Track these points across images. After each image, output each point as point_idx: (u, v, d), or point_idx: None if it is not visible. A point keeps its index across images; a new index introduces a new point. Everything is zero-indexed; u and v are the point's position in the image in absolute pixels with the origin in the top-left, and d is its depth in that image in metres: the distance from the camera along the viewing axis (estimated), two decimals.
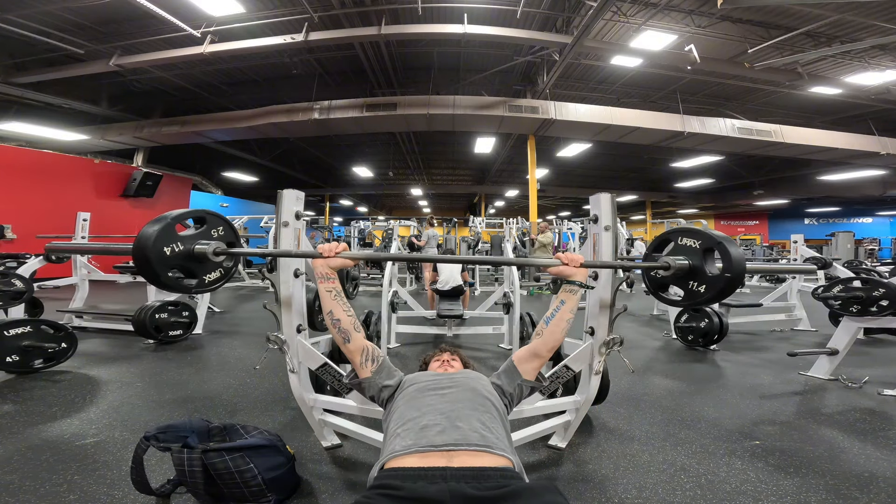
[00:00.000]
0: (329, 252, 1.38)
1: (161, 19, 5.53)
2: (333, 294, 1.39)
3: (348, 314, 1.40)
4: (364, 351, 1.41)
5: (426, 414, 1.21)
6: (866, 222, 20.94)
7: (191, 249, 1.26)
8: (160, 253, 1.17)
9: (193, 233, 1.31)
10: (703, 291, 1.29)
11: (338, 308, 1.39)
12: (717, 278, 1.24)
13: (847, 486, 1.55)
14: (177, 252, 1.22)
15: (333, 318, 1.38)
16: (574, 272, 1.39)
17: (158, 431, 1.40)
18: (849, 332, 2.72)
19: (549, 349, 1.41)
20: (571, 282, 1.40)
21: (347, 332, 1.38)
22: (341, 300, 1.40)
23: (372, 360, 1.41)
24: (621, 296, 7.64)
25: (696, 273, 1.31)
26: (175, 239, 1.22)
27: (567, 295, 1.41)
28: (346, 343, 1.39)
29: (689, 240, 1.34)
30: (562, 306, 1.41)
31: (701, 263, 1.29)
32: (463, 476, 0.98)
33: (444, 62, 8.16)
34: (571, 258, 1.40)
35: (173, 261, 1.22)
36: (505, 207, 23.73)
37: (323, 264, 1.38)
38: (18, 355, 2.56)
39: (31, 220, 7.64)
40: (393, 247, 3.92)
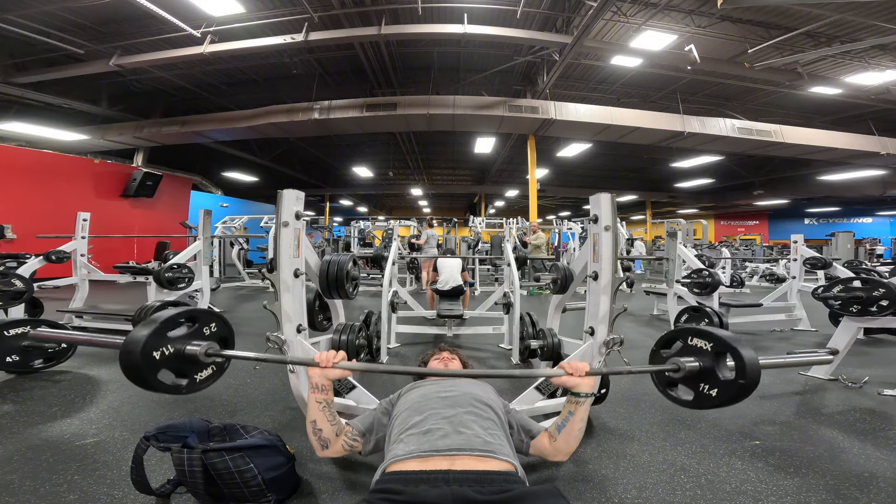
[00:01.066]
0: (326, 362, 1.29)
1: (161, 19, 5.54)
2: (322, 406, 1.31)
3: (332, 423, 1.33)
4: (344, 446, 1.37)
5: (429, 419, 1.21)
6: (866, 222, 20.95)
7: (182, 351, 1.24)
8: (149, 358, 1.15)
9: (185, 332, 1.28)
10: (715, 395, 1.24)
11: (322, 419, 1.32)
12: (730, 384, 1.20)
13: (847, 486, 1.55)
14: (167, 355, 1.20)
15: (316, 428, 1.32)
16: (578, 383, 1.29)
17: (158, 431, 1.40)
18: (849, 332, 2.72)
19: (563, 456, 1.38)
20: (576, 394, 1.31)
21: (327, 441, 1.33)
22: (329, 412, 1.33)
23: (355, 440, 1.38)
24: (621, 296, 7.66)
25: (707, 375, 1.26)
26: (165, 342, 1.20)
27: (573, 406, 1.32)
28: (325, 449, 1.35)
29: (700, 341, 1.30)
30: (571, 417, 1.32)
31: (713, 366, 1.25)
32: (465, 479, 0.98)
33: (444, 62, 8.16)
34: (575, 367, 1.31)
35: (163, 364, 1.19)
36: (505, 207, 23.73)
37: (320, 374, 1.29)
38: (18, 355, 2.56)
39: (31, 220, 7.65)
40: (393, 247, 3.92)
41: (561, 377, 1.31)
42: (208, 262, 4.67)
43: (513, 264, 3.64)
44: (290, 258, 1.67)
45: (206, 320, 1.35)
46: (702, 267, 4.16)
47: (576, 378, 1.29)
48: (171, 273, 3.86)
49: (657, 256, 7.17)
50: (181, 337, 1.26)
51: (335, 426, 1.34)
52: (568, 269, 2.42)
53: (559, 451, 1.35)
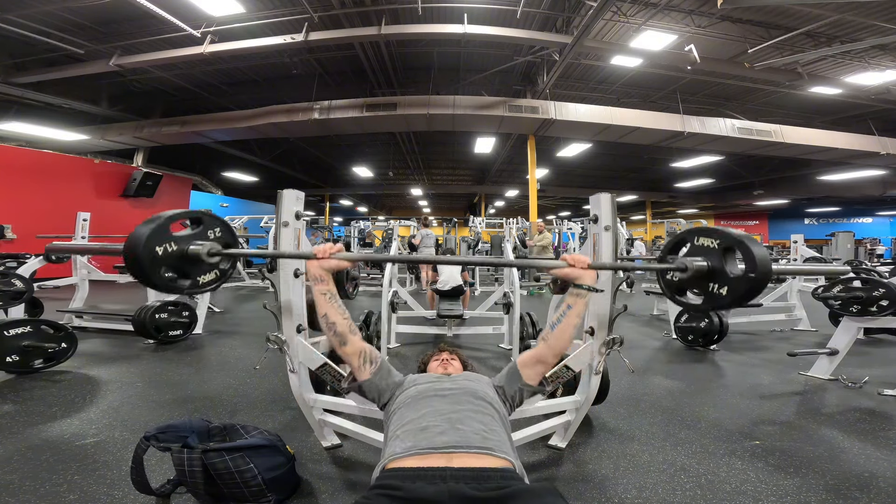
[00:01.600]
0: (323, 253, 1.34)
1: (161, 19, 5.53)
2: (328, 297, 1.35)
3: (344, 316, 1.37)
4: (362, 353, 1.38)
5: (426, 416, 1.21)
6: (866, 222, 20.95)
7: (185, 250, 1.23)
8: (152, 252, 1.14)
9: (189, 233, 1.28)
10: (725, 294, 1.18)
11: (333, 310, 1.35)
12: (740, 279, 1.14)
13: (847, 486, 1.55)
14: (170, 252, 1.19)
15: (329, 322, 1.35)
16: (580, 274, 1.30)
17: (158, 431, 1.40)
18: (849, 332, 2.72)
19: (555, 355, 1.37)
20: (578, 285, 1.32)
21: (343, 335, 1.36)
22: (337, 302, 1.37)
23: (370, 362, 1.39)
24: (621, 296, 7.63)
25: (715, 274, 1.21)
26: (169, 239, 1.19)
27: (574, 299, 1.33)
28: (343, 346, 1.36)
29: (707, 239, 1.24)
30: (569, 311, 1.33)
31: (721, 264, 1.19)
32: (463, 476, 0.98)
33: (444, 62, 8.16)
34: (577, 259, 1.31)
35: (166, 261, 1.18)
36: (505, 207, 23.73)
37: (316, 266, 1.34)
38: (18, 355, 2.56)
39: (31, 220, 7.64)
40: (393, 247, 3.92)
41: (563, 269, 1.32)
42: None
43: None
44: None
45: (210, 223, 1.34)
46: None
47: (577, 269, 1.30)
48: None
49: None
50: (186, 236, 1.25)
51: (347, 321, 1.37)
52: None
53: (551, 350, 1.35)
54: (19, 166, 8.07)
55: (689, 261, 1.24)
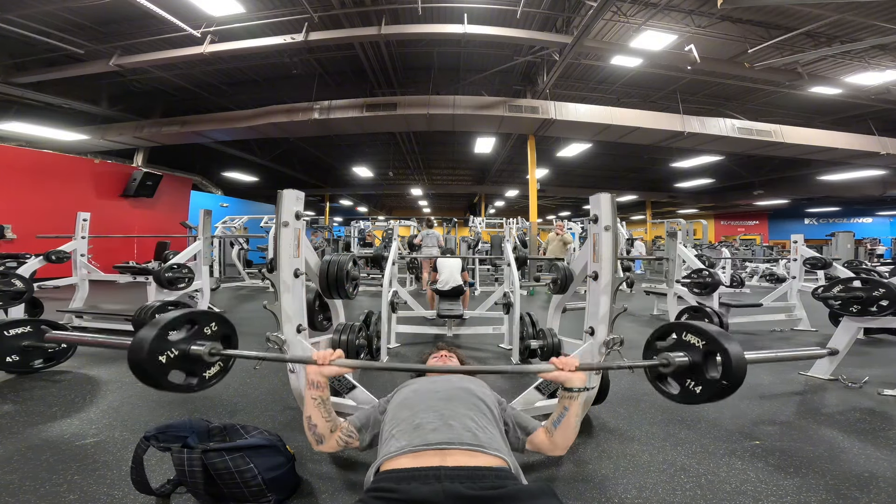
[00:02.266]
0: (323, 360, 1.31)
1: (161, 19, 5.53)
2: (318, 402, 1.32)
3: (326, 420, 1.34)
4: (338, 442, 1.37)
5: (420, 412, 1.21)
6: (866, 222, 20.95)
7: (186, 352, 1.29)
8: (156, 362, 1.21)
9: (186, 335, 1.32)
10: (699, 393, 1.29)
11: (317, 415, 1.33)
12: (713, 383, 1.25)
13: (847, 486, 1.55)
14: (173, 358, 1.25)
15: (311, 423, 1.33)
16: (569, 377, 1.30)
17: (158, 431, 1.40)
18: (849, 332, 2.72)
19: (561, 451, 1.38)
20: (569, 389, 1.31)
21: (322, 436, 1.34)
22: (324, 408, 1.34)
23: (350, 436, 1.38)
24: (621, 296, 7.65)
25: (695, 371, 1.30)
26: (169, 345, 1.25)
27: (568, 401, 1.32)
28: (320, 444, 1.35)
29: (693, 337, 1.32)
30: (566, 412, 1.32)
31: (701, 363, 1.28)
32: (457, 476, 0.98)
33: (444, 62, 8.16)
34: (565, 363, 1.32)
35: (170, 366, 1.25)
36: (505, 207, 23.73)
37: (316, 372, 1.31)
38: (18, 355, 2.56)
39: (31, 220, 7.64)
40: (393, 247, 3.92)
41: (552, 372, 1.32)
42: (208, 262, 4.67)
43: (513, 264, 3.65)
44: (290, 258, 1.67)
45: (205, 321, 1.38)
46: (702, 267, 4.16)
47: (566, 373, 1.30)
48: (171, 273, 3.86)
49: (657, 256, 7.17)
50: (185, 339, 1.31)
51: (330, 423, 1.35)
52: (568, 269, 2.42)
53: (557, 446, 1.36)
54: (19, 166, 8.07)
55: (672, 356, 1.32)
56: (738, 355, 1.21)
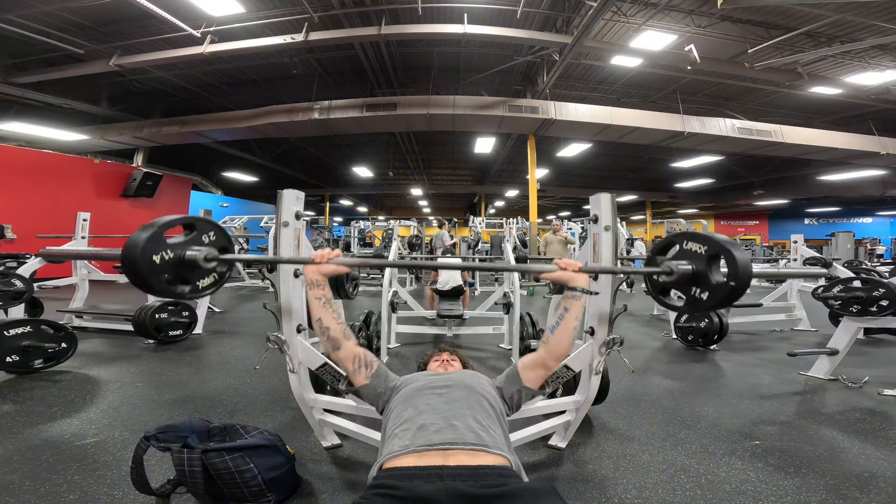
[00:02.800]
0: (321, 258, 1.34)
1: (161, 19, 5.53)
2: (323, 301, 1.34)
3: (338, 321, 1.36)
4: (356, 358, 1.37)
5: (423, 413, 1.21)
6: (866, 222, 20.94)
7: (181, 256, 1.24)
8: (149, 261, 1.16)
9: (184, 239, 1.29)
10: (706, 299, 1.24)
11: (327, 315, 1.34)
12: (720, 286, 1.20)
13: (847, 486, 1.55)
14: (167, 259, 1.20)
15: (322, 326, 1.34)
16: (573, 277, 1.31)
17: (158, 431, 1.40)
18: (849, 332, 2.72)
19: (556, 359, 1.36)
20: (573, 288, 1.32)
21: (337, 340, 1.35)
22: (331, 307, 1.36)
23: (366, 366, 1.38)
24: (621, 296, 7.65)
25: (699, 279, 1.26)
26: (164, 246, 1.20)
27: (570, 302, 1.33)
28: (336, 351, 1.35)
29: (695, 244, 1.28)
30: (566, 314, 1.33)
31: (705, 269, 1.24)
32: (459, 474, 0.98)
33: (444, 62, 8.16)
34: (569, 263, 1.33)
35: (164, 268, 1.20)
36: (505, 207, 23.73)
37: (314, 270, 1.34)
38: (18, 355, 2.56)
39: (31, 220, 7.64)
40: (393, 247, 3.92)
41: (556, 272, 1.33)
42: None
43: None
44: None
45: (203, 227, 1.34)
46: None
47: (569, 272, 1.31)
48: None
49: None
50: (181, 243, 1.26)
51: (342, 326, 1.36)
52: None
53: (551, 354, 1.34)
54: (19, 166, 8.07)
55: (674, 264, 1.28)
56: (742, 257, 1.16)
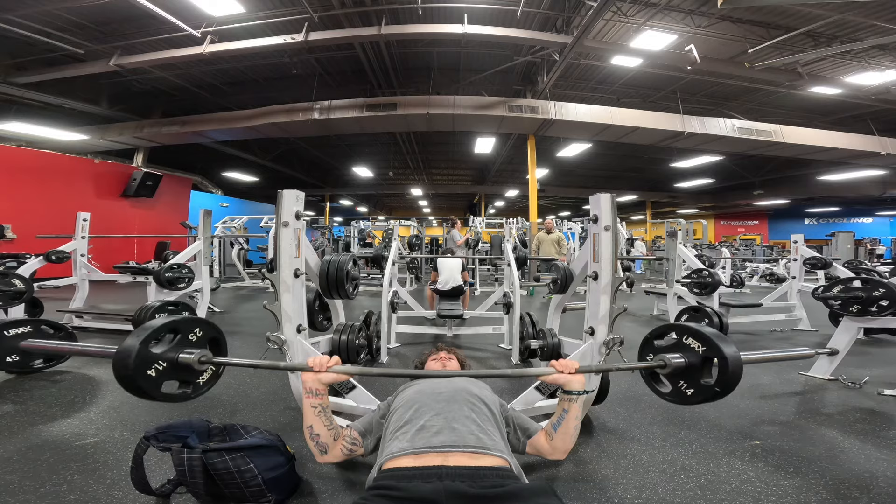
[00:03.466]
0: (320, 367, 1.28)
1: (161, 19, 5.54)
2: (318, 411, 1.30)
3: (328, 428, 1.32)
4: (342, 449, 1.36)
5: (423, 415, 1.21)
6: (866, 222, 20.94)
7: (175, 361, 1.26)
8: (146, 376, 1.18)
9: (170, 345, 1.30)
10: (690, 395, 1.34)
11: (319, 424, 1.31)
12: (707, 388, 1.29)
13: (847, 486, 1.55)
14: (162, 370, 1.23)
15: (313, 433, 1.31)
16: (569, 380, 1.30)
17: (158, 431, 1.40)
18: (849, 332, 2.72)
19: (561, 454, 1.37)
20: (569, 392, 1.31)
21: (325, 446, 1.32)
22: (325, 416, 1.32)
23: (354, 443, 1.37)
24: (621, 296, 7.66)
25: (689, 375, 1.33)
26: (156, 357, 1.23)
27: (567, 403, 1.32)
28: (323, 455, 1.34)
29: (695, 342, 1.34)
30: (565, 415, 1.32)
31: (698, 366, 1.31)
32: (458, 475, 0.98)
33: (444, 62, 8.16)
34: (565, 365, 1.32)
35: (162, 377, 1.23)
36: (505, 207, 23.73)
37: (314, 379, 1.28)
38: (18, 355, 2.56)
39: (31, 220, 7.64)
40: (393, 247, 3.92)
41: (551, 375, 1.32)
42: (208, 262, 4.67)
43: (513, 264, 3.65)
44: (290, 258, 1.67)
45: (187, 328, 1.35)
46: (702, 267, 4.16)
47: (566, 375, 1.30)
48: (171, 273, 3.86)
49: (657, 256, 7.17)
50: (170, 349, 1.28)
51: (332, 430, 1.33)
52: (568, 269, 2.42)
53: (556, 450, 1.35)
54: (19, 166, 8.07)
55: (669, 358, 1.36)
56: (734, 367, 1.25)
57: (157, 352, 1.24)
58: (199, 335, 1.36)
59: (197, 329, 1.36)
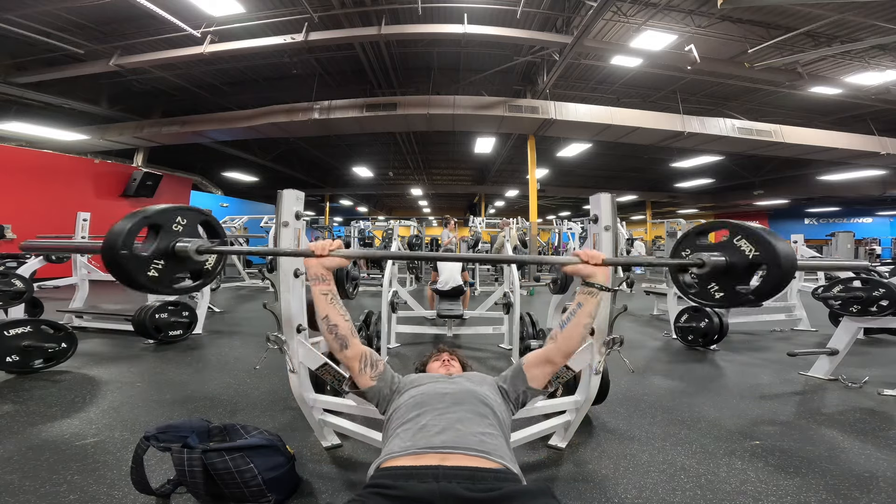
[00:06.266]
0: (322, 250, 1.24)
1: (161, 19, 5.53)
2: (329, 297, 1.27)
3: (345, 318, 1.30)
4: (362, 357, 1.32)
5: (425, 414, 1.20)
6: (866, 222, 20.93)
7: (169, 248, 1.12)
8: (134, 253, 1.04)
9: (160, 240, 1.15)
10: (718, 299, 1.17)
11: (334, 312, 1.28)
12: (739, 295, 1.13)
13: (847, 486, 1.55)
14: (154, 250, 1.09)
15: (330, 324, 1.28)
16: (593, 271, 1.23)
17: (158, 431, 1.40)
18: (849, 332, 2.72)
19: (563, 355, 1.30)
20: (590, 283, 1.25)
21: (345, 339, 1.29)
22: (338, 304, 1.29)
23: (371, 366, 1.33)
24: (621, 296, 7.65)
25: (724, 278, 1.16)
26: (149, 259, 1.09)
27: (584, 297, 1.25)
28: (344, 350, 1.29)
29: (748, 245, 1.13)
30: (579, 309, 1.26)
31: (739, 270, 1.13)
32: (455, 476, 0.96)
33: (444, 62, 8.16)
34: (591, 255, 1.24)
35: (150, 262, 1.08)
36: (505, 207, 23.73)
37: (317, 264, 1.26)
38: (18, 355, 2.56)
39: (31, 220, 7.64)
40: (393, 247, 3.91)
41: (575, 264, 1.25)
42: None
43: (513, 264, 3.64)
44: (290, 258, 1.67)
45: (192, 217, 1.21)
46: None
47: (591, 266, 1.23)
48: None
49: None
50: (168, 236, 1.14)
51: (349, 323, 1.30)
52: None
53: (559, 350, 1.29)
54: (19, 166, 8.06)
55: (708, 257, 1.17)
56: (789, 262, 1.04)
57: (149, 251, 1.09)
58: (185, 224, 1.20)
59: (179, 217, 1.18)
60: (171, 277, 1.16)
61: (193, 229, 1.22)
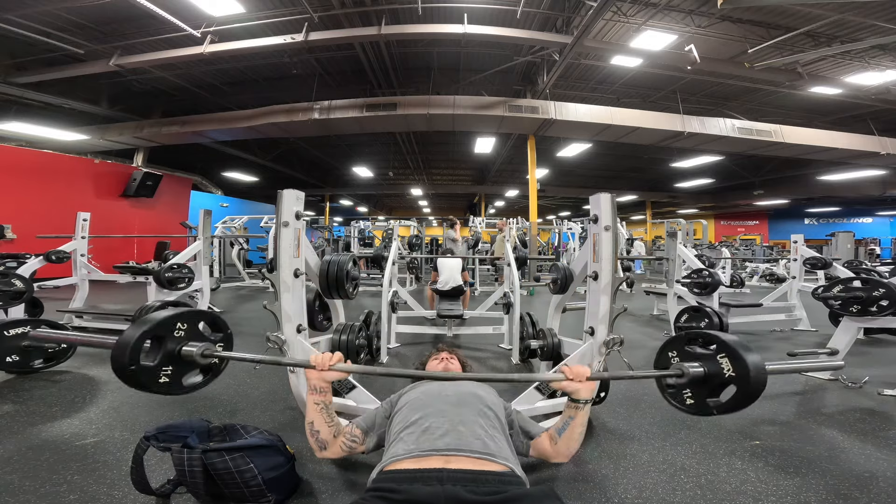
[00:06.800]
0: (322, 364, 1.28)
1: (161, 19, 5.53)
2: (321, 407, 1.32)
3: (329, 425, 1.34)
4: (342, 446, 1.36)
5: (429, 416, 1.20)
6: (866, 222, 20.94)
7: (175, 353, 1.24)
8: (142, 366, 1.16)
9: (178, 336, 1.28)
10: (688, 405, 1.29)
11: (320, 420, 1.32)
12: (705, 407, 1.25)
13: (847, 486, 1.55)
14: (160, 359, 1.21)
15: (313, 429, 1.33)
16: (578, 389, 1.27)
17: (158, 431, 1.40)
18: (849, 332, 2.72)
19: (564, 458, 1.38)
20: (576, 399, 1.29)
21: (325, 442, 1.34)
22: (327, 413, 1.33)
23: (354, 440, 1.37)
24: (621, 296, 7.65)
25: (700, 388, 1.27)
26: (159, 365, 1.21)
27: (573, 411, 1.31)
28: (323, 451, 1.35)
29: (725, 360, 1.23)
30: (571, 422, 1.31)
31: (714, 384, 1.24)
32: (460, 479, 0.97)
33: (444, 62, 8.16)
34: (576, 372, 1.28)
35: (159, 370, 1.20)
36: (505, 207, 23.73)
37: (318, 377, 1.29)
38: (18, 355, 2.56)
39: (31, 220, 7.64)
40: (393, 247, 3.92)
41: (561, 382, 1.29)
42: (208, 262, 4.67)
43: (513, 264, 3.65)
44: (290, 258, 1.67)
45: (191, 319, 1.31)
46: (702, 267, 4.15)
47: (575, 383, 1.27)
48: (171, 273, 3.86)
49: (657, 256, 7.17)
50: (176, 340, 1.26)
51: (332, 427, 1.34)
52: (568, 269, 2.42)
53: (560, 454, 1.35)
54: (19, 166, 8.06)
55: (686, 367, 1.28)
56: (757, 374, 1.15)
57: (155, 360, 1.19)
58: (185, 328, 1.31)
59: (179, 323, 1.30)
60: (180, 379, 1.28)
61: (195, 330, 1.32)
